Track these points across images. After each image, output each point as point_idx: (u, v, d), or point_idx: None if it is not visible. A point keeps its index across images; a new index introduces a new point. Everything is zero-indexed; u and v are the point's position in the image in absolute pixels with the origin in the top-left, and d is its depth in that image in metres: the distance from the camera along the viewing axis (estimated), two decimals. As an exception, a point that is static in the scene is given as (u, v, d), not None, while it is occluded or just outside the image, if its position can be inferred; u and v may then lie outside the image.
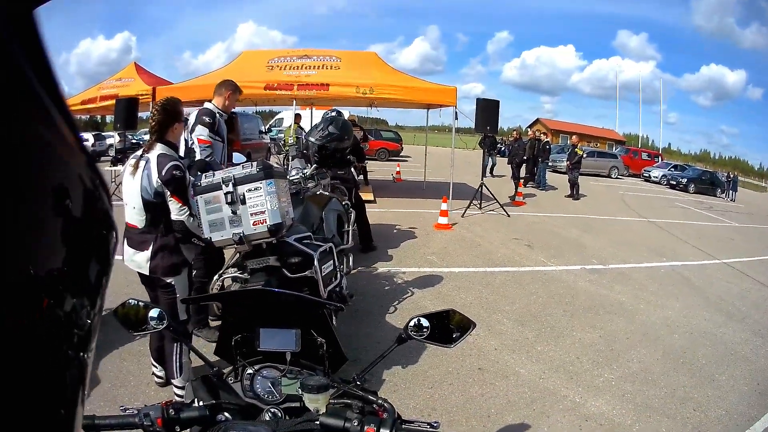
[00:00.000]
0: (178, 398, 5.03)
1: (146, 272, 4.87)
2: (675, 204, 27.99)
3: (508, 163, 25.26)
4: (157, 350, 5.39)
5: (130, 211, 4.90)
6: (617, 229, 16.42)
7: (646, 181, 43.46)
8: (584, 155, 24.59)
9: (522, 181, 23.23)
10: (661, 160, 52.16)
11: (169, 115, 4.95)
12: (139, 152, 5.02)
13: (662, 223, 18.61)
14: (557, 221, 16.47)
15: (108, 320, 5.42)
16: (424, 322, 2.41)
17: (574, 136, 25.15)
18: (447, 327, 2.46)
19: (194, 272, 5.62)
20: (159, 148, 4.84)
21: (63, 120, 0.71)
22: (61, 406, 0.75)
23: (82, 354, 0.80)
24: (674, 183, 40.51)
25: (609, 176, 40.95)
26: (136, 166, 4.85)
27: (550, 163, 27.40)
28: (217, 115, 6.89)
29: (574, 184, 22.74)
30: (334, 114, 8.27)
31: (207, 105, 6.90)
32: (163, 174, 4.67)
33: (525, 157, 24.51)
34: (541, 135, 27.84)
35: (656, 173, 43.67)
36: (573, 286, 9.49)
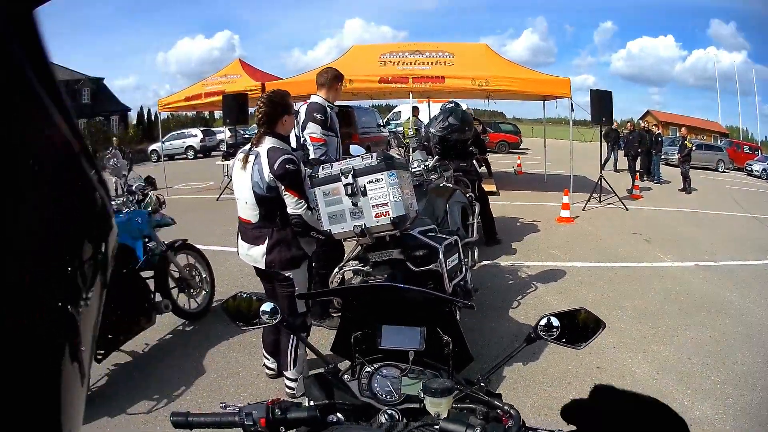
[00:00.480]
0: (288, 391, 5.03)
1: (262, 266, 4.79)
2: (776, 199, 26.88)
3: (624, 156, 24.60)
4: (271, 343, 5.31)
5: (243, 205, 4.85)
6: (726, 224, 15.70)
7: (749, 175, 41.26)
8: (693, 148, 23.83)
9: (638, 174, 22.45)
10: (761, 153, 50.47)
11: (277, 107, 4.83)
12: (247, 146, 4.94)
13: (765, 219, 17.60)
14: (672, 216, 15.93)
15: (217, 312, 5.41)
16: (555, 322, 2.17)
17: (683, 129, 24.61)
18: (576, 327, 2.22)
19: (313, 264, 5.45)
20: (269, 142, 4.73)
21: (63, 120, 0.69)
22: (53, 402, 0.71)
23: (77, 353, 0.76)
24: None
25: (716, 170, 39.53)
26: (245, 161, 4.77)
27: (662, 156, 26.53)
28: (328, 109, 6.52)
29: (686, 177, 21.94)
30: (452, 105, 8.09)
31: (314, 99, 6.53)
32: (276, 168, 4.55)
33: (639, 150, 23.70)
34: (652, 127, 27.15)
35: (758, 167, 40.95)
36: (687, 282, 9.08)
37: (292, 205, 4.65)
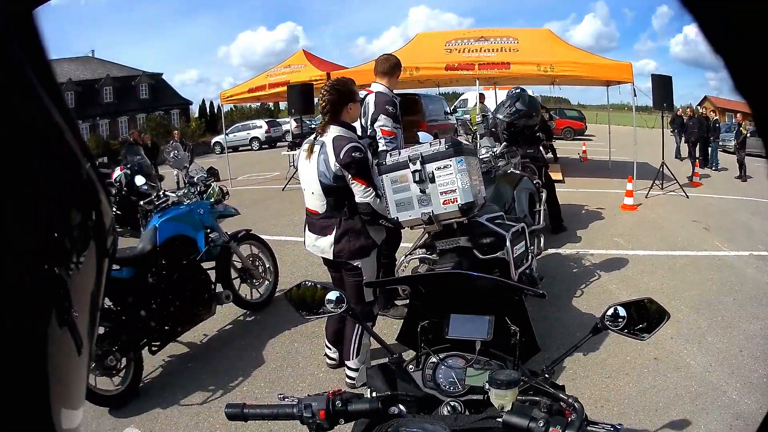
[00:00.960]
0: (348, 381, 4.98)
1: (330, 257, 4.75)
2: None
3: (685, 142, 24.08)
4: (335, 332, 5.28)
5: (309, 196, 4.80)
6: (781, 212, 15.42)
7: None
8: (748, 134, 23.34)
9: (698, 161, 21.98)
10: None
11: (342, 95, 4.73)
12: (312, 136, 4.87)
13: None
14: (730, 203, 15.61)
15: (280, 302, 5.43)
16: (621, 311, 2.16)
17: (738, 115, 24.08)
18: (642, 317, 2.21)
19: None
20: (334, 131, 4.65)
21: (63, 119, 0.69)
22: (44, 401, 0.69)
23: (66, 317, 0.74)
24: None
25: (768, 156, 38.57)
26: (310, 151, 4.71)
27: (720, 143, 26.00)
28: (395, 100, 6.39)
29: (741, 165, 21.50)
30: (519, 91, 8.02)
31: (380, 88, 6.31)
32: (342, 157, 4.47)
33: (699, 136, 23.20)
34: (710, 113, 26.57)
35: None
36: (742, 272, 8.89)
37: (360, 193, 4.56)
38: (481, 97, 19.37)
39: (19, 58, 0.62)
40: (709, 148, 23.99)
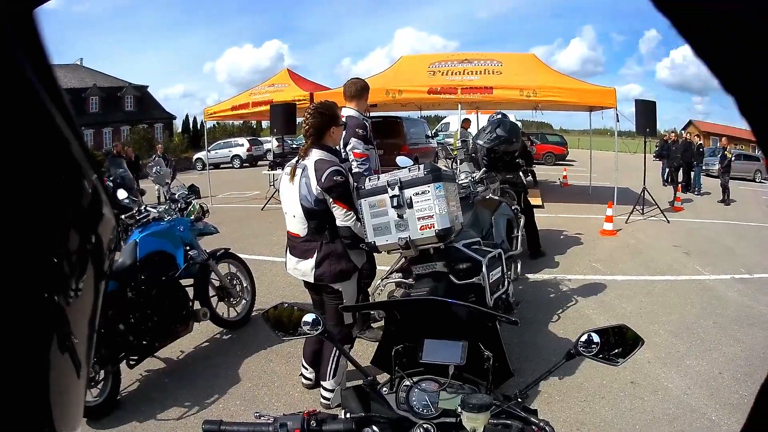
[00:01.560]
0: (323, 401, 5.01)
1: (311, 280, 4.77)
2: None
3: (668, 167, 24.40)
4: (312, 353, 5.30)
5: (291, 219, 4.83)
6: (762, 235, 15.45)
7: None
8: (733, 158, 23.51)
9: (680, 185, 22.14)
10: (792, 161, 49.92)
11: (326, 118, 4.79)
12: (294, 159, 4.91)
13: None
14: (712, 227, 15.78)
15: (257, 321, 5.48)
16: (595, 338, 2.17)
17: (723, 139, 24.26)
18: (616, 343, 2.22)
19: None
20: (316, 154, 4.69)
21: (64, 120, 0.67)
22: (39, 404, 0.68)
23: (67, 343, 0.73)
24: None
25: (753, 180, 38.91)
26: (293, 174, 4.75)
27: (703, 167, 26.22)
28: (366, 123, 6.51)
29: (725, 189, 21.58)
30: (500, 117, 8.10)
31: (350, 112, 6.40)
32: (323, 181, 4.50)
33: (682, 161, 23.48)
34: (693, 137, 26.82)
35: None
36: (724, 296, 9.01)
37: (341, 217, 4.59)
38: (466, 122, 19.45)
39: (19, 58, 0.61)
40: (693, 173, 24.16)
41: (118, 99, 59.33)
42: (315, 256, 4.69)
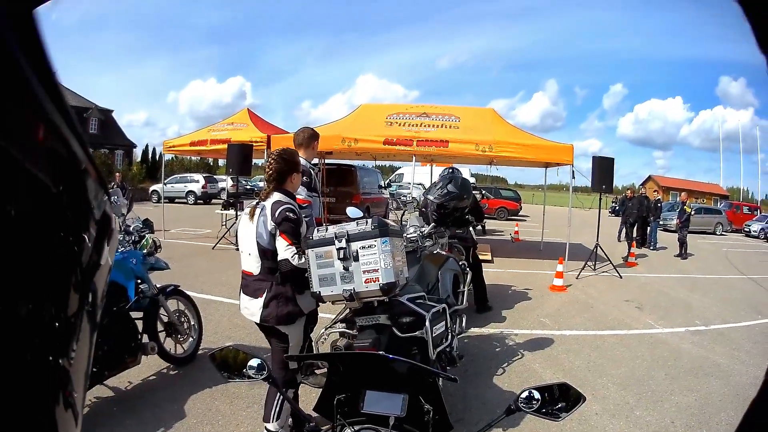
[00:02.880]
0: None
1: (257, 320, 4.81)
2: (772, 258, 27.21)
3: (622, 223, 24.81)
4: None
5: (246, 258, 4.89)
6: (720, 287, 15.87)
7: (747, 236, 42.35)
8: (692, 213, 23.97)
9: (634, 241, 22.40)
10: (760, 213, 50.86)
11: (289, 164, 4.94)
12: (255, 201, 5.04)
13: (760, 279, 18.00)
14: (667, 282, 16.03)
15: (203, 360, 5.54)
16: (536, 395, 2.28)
17: (683, 194, 24.68)
18: (557, 399, 2.33)
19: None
20: (276, 196, 4.82)
21: (63, 119, 0.70)
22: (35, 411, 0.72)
23: (70, 401, 0.78)
24: None
25: (714, 233, 40.29)
26: (252, 213, 4.86)
27: (660, 222, 26.62)
28: (311, 170, 6.72)
29: (683, 243, 22.13)
30: (451, 172, 8.20)
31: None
32: (276, 216, 4.64)
33: (638, 217, 23.84)
34: (652, 193, 27.29)
35: (755, 227, 42.53)
36: (677, 348, 9.22)
37: (282, 249, 4.67)
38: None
39: (19, 58, 0.63)
40: (648, 228, 24.57)
41: (83, 120, 58.48)
42: (264, 296, 4.74)
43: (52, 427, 0.72)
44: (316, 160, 7.02)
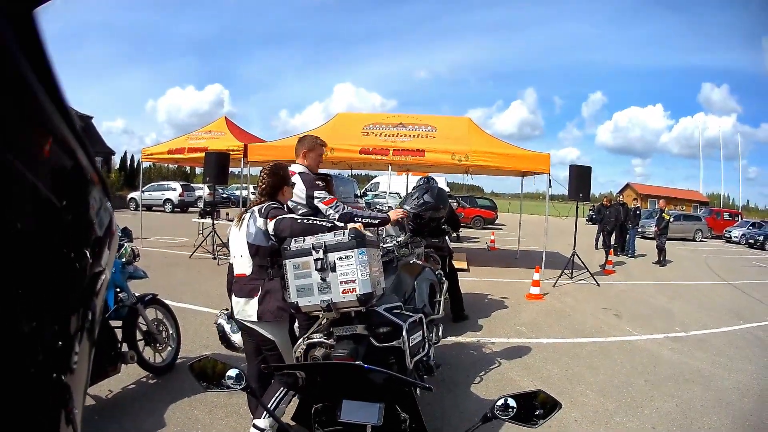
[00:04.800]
0: None
1: (254, 319, 4.85)
2: (753, 263, 27.65)
3: (599, 231, 24.93)
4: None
5: (239, 260, 4.96)
6: (700, 294, 16.06)
7: (728, 242, 43.11)
8: (671, 220, 24.18)
9: (612, 249, 22.51)
10: (741, 218, 51.51)
11: (280, 178, 5.07)
12: (244, 209, 5.11)
13: (741, 285, 18.29)
14: (645, 289, 16.17)
15: (181, 369, 5.56)
16: (511, 402, 2.35)
17: (661, 201, 24.82)
18: (533, 406, 2.39)
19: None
20: (266, 203, 4.91)
21: (62, 119, 0.73)
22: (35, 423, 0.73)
23: (71, 417, 0.80)
24: (752, 242, 40.16)
25: (694, 239, 40.79)
26: (239, 219, 4.97)
27: (639, 229, 26.85)
28: (328, 178, 6.72)
29: (661, 250, 22.39)
30: (429, 182, 8.24)
31: (301, 168, 6.40)
32: (263, 211, 4.77)
33: (615, 225, 24.10)
34: (631, 201, 27.43)
35: (736, 233, 43.36)
36: (656, 355, 9.30)
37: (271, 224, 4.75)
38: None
39: (18, 58, 0.64)
40: (627, 236, 24.82)
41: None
42: (259, 294, 4.82)
43: None
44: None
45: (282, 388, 4.91)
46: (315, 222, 4.76)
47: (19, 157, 0.65)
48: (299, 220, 4.72)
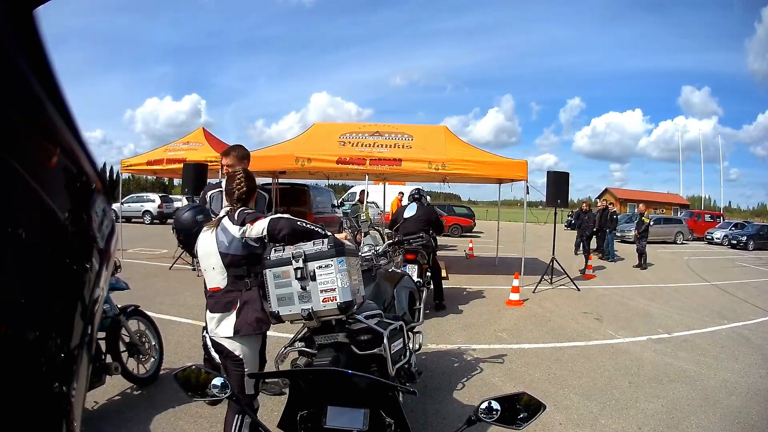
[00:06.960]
0: None
1: (230, 333, 4.67)
2: (736, 264, 27.96)
3: (578, 236, 25.00)
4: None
5: (210, 273, 4.78)
6: (683, 295, 16.22)
7: (710, 243, 43.53)
8: (651, 223, 24.34)
9: (592, 254, 22.61)
10: (723, 220, 52.19)
11: (254, 184, 5.01)
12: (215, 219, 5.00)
13: (724, 285, 18.55)
14: (626, 292, 16.27)
15: (165, 380, 5.56)
16: (495, 405, 2.37)
17: (641, 205, 24.92)
18: (517, 409, 2.42)
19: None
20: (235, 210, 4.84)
21: (62, 119, 0.73)
22: None
23: (63, 388, 0.79)
24: (735, 242, 40.71)
25: (675, 242, 41.13)
26: (213, 226, 4.80)
27: (618, 234, 26.93)
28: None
29: (642, 254, 22.52)
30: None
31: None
32: (236, 217, 4.65)
33: (594, 229, 24.21)
34: (609, 205, 27.59)
35: (718, 234, 43.91)
36: (639, 357, 9.36)
37: (261, 223, 4.61)
38: (361, 194, 19.84)
39: (18, 58, 0.64)
40: (606, 240, 24.94)
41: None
42: (237, 306, 4.69)
43: None
44: (266, 180, 6.98)
45: (236, 415, 4.79)
46: (314, 228, 4.67)
47: (25, 168, 0.66)
48: (299, 223, 4.65)
